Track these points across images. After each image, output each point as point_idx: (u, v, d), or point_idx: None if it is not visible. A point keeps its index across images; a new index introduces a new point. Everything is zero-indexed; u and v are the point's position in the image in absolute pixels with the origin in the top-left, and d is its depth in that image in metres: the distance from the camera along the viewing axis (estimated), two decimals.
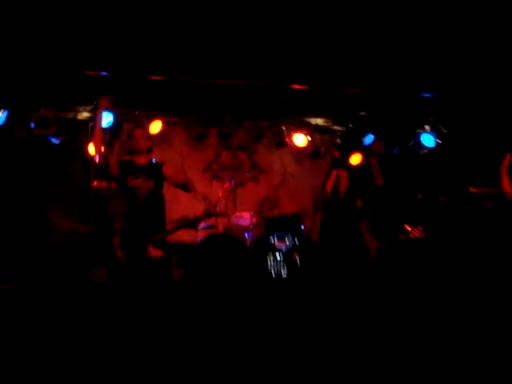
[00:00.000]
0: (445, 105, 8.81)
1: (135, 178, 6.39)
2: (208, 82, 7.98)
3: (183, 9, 6.49)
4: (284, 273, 6.63)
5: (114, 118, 8.03)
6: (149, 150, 6.57)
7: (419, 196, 8.19)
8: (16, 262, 6.96)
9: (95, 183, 7.44)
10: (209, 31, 6.83)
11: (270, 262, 6.70)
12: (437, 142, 9.25)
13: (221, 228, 7.91)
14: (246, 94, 8.40)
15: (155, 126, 8.37)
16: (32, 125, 7.96)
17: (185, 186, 6.66)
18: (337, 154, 8.73)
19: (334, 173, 7.58)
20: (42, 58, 7.24)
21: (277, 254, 6.71)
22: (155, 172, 6.47)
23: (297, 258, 6.67)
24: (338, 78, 8.07)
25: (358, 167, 8.37)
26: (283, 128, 9.16)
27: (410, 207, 8.12)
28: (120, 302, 4.28)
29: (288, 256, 6.72)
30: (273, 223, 7.43)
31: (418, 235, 7.16)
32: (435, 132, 9.14)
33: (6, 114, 7.81)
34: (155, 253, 5.89)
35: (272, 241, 6.89)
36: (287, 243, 6.89)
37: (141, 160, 6.46)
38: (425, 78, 8.19)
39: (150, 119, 8.37)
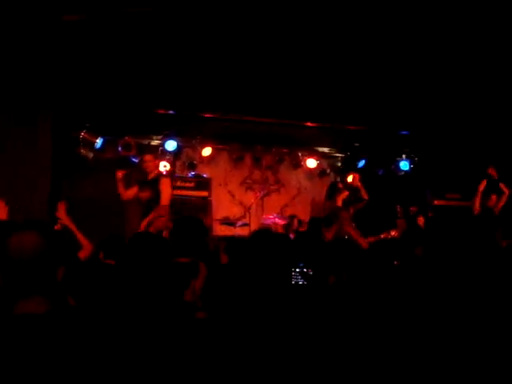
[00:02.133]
0: (417, 139, 10.00)
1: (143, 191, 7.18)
2: (246, 119, 9.45)
3: (227, 67, 7.95)
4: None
5: (177, 144, 9.49)
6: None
7: (397, 206, 9.20)
8: None
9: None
10: (250, 83, 8.25)
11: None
12: (410, 166, 10.12)
13: (253, 226, 9.34)
14: (273, 128, 9.73)
15: (206, 151, 9.74)
16: (119, 148, 9.22)
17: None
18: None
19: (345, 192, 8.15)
20: (129, 101, 8.80)
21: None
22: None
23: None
24: (339, 118, 9.38)
25: (351, 185, 8.99)
26: (299, 154, 10.45)
27: (390, 214, 9.12)
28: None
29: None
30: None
31: (395, 235, 7.87)
32: (409, 159, 10.10)
33: (102, 140, 9.19)
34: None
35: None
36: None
37: (150, 176, 7.25)
38: (403, 120, 9.39)
39: (203, 145, 9.73)
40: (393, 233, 8.09)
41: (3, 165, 8.38)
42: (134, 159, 9.36)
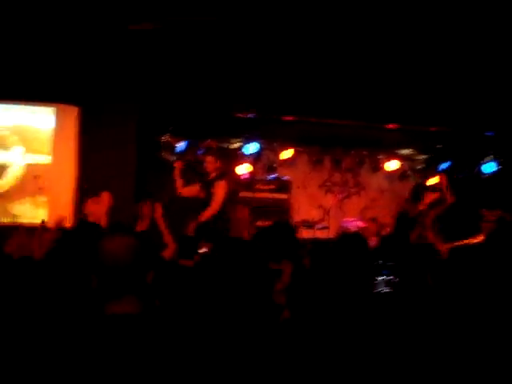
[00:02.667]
0: (503, 140, 9.68)
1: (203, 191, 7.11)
2: (326, 122, 9.51)
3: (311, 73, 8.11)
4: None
5: (257, 147, 9.57)
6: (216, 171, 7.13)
7: (483, 210, 8.44)
8: None
9: (242, 194, 9.33)
10: (330, 85, 8.29)
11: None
12: (497, 168, 9.81)
13: (332, 229, 9.31)
14: (353, 130, 9.75)
15: (286, 154, 9.79)
16: (200, 151, 9.18)
17: None
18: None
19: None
20: (210, 105, 9.02)
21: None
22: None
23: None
24: (421, 120, 9.25)
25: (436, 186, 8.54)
26: (379, 156, 10.37)
27: (475, 219, 8.17)
28: None
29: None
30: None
31: (480, 241, 6.89)
32: (496, 160, 9.76)
33: (185, 143, 9.31)
34: None
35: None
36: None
37: (209, 177, 7.20)
38: (488, 121, 9.22)
39: (283, 148, 9.80)
40: (478, 238, 7.52)
41: (92, 169, 8.79)
42: None
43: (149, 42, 7.53)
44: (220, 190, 7.01)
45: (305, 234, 9.13)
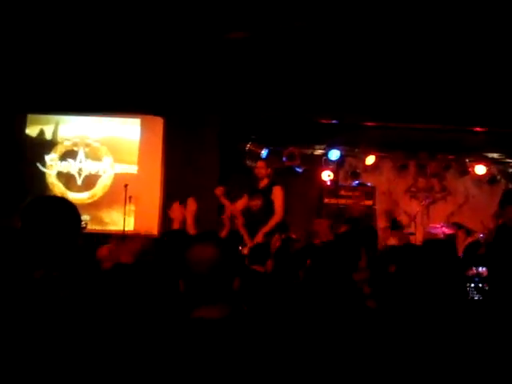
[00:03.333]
0: None
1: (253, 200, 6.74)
2: (410, 127, 9.33)
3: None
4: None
5: (340, 154, 9.63)
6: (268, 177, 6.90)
7: None
8: None
9: (326, 200, 9.62)
10: (413, 89, 8.20)
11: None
12: None
13: (418, 235, 9.18)
14: (438, 134, 9.53)
15: (370, 159, 9.73)
16: (284, 159, 9.51)
17: None
18: None
19: None
20: (292, 112, 9.07)
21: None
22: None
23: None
24: (509, 122, 8.83)
25: None
26: (466, 160, 10.08)
27: None
28: None
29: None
30: None
31: None
32: None
33: (267, 151, 9.46)
34: None
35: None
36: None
37: (261, 185, 6.98)
38: None
39: (367, 154, 9.74)
40: None
41: (175, 177, 9.02)
42: (298, 169, 9.69)
43: (231, 51, 7.65)
44: (279, 196, 6.86)
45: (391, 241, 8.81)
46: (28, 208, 2.31)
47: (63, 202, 2.39)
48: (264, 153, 9.49)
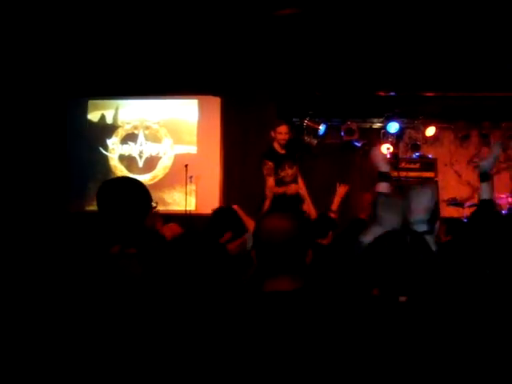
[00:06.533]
0: None
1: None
2: (471, 95, 9.12)
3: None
4: None
5: (399, 126, 9.41)
6: None
7: None
8: None
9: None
10: (472, 57, 8.03)
11: None
12: None
13: None
14: (502, 102, 9.22)
15: (430, 131, 9.48)
16: (342, 133, 9.40)
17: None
18: None
19: None
20: (350, 86, 9.01)
21: None
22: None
23: None
24: None
25: None
26: None
27: None
28: None
29: None
30: None
31: None
32: None
33: (324, 126, 9.38)
34: None
35: None
36: None
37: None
38: None
39: (426, 125, 9.51)
40: None
41: (234, 155, 9.24)
42: (356, 143, 9.56)
43: (286, 27, 7.61)
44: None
45: (453, 212, 8.89)
46: (103, 188, 2.42)
47: (135, 182, 2.48)
48: (322, 128, 9.38)
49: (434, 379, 2.42)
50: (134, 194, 2.40)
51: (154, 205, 2.46)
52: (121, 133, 9.52)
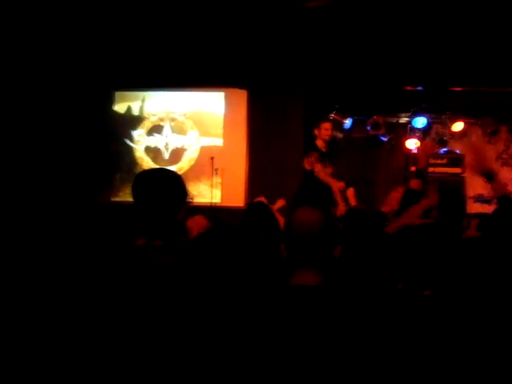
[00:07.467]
0: None
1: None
2: (500, 91, 9.05)
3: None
4: None
5: (426, 121, 9.36)
6: None
7: None
8: None
9: (413, 169, 9.21)
10: (498, 51, 8.01)
11: None
12: None
13: None
14: None
15: (457, 126, 9.36)
16: (368, 128, 9.37)
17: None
18: None
19: None
20: (376, 80, 8.94)
21: None
22: None
23: None
24: None
25: None
26: None
27: None
28: None
29: None
30: None
31: None
32: None
33: (351, 120, 9.35)
34: None
35: None
36: None
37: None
38: None
39: (454, 120, 9.36)
40: None
41: (260, 148, 9.23)
42: (382, 138, 9.53)
43: (314, 19, 7.61)
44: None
45: (480, 209, 8.67)
46: (141, 179, 2.39)
47: (174, 175, 2.45)
48: (348, 122, 9.37)
49: (459, 371, 2.47)
50: (172, 187, 2.36)
51: (189, 199, 2.44)
52: (147, 124, 9.57)
